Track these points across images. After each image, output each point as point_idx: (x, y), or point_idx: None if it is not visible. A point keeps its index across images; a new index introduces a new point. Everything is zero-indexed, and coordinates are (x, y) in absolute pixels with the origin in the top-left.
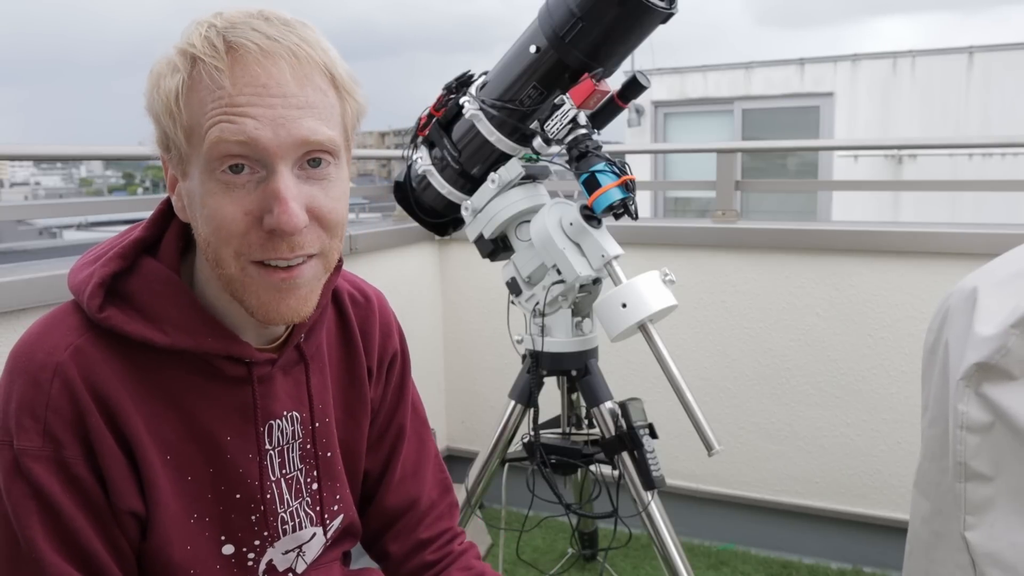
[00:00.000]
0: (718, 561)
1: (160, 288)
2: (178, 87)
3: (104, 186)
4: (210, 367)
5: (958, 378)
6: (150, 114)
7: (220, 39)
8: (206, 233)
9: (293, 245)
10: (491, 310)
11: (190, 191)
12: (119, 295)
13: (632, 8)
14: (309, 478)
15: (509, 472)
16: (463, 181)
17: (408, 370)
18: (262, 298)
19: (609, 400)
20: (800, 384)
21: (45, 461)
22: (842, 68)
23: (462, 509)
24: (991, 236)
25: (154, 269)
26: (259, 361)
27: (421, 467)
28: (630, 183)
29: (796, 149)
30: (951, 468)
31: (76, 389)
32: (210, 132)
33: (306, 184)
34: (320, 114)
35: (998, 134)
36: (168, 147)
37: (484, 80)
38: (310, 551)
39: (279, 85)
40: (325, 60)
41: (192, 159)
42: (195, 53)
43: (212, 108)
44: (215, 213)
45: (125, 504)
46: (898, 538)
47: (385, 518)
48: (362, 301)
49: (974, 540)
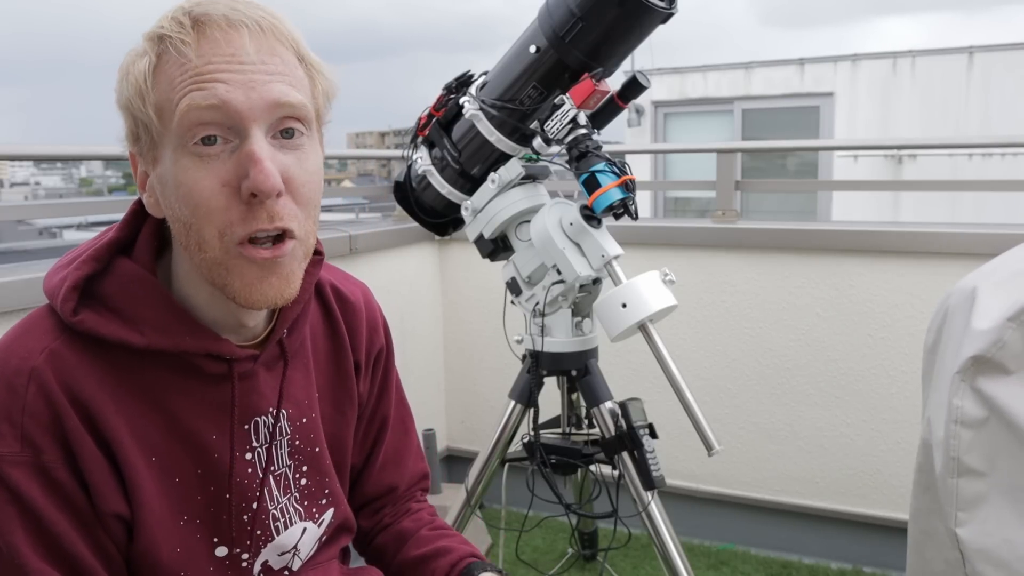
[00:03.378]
0: (718, 561)
1: (135, 289)
2: (146, 68)
3: (104, 186)
4: (190, 366)
5: (954, 372)
6: (120, 107)
7: (186, 16)
8: (185, 216)
9: (272, 215)
10: (491, 310)
11: (162, 177)
12: (94, 297)
13: (632, 8)
14: (298, 474)
15: (509, 472)
16: (463, 181)
17: (392, 361)
18: (246, 279)
19: (609, 400)
20: (800, 384)
21: (24, 466)
22: (842, 68)
23: (462, 509)
24: (991, 236)
25: (128, 270)
26: (240, 358)
27: (403, 456)
28: (630, 183)
29: (796, 149)
30: (944, 463)
31: (52, 392)
32: (180, 103)
33: (280, 152)
34: (290, 81)
35: (998, 134)
36: (138, 136)
37: (484, 80)
38: (304, 548)
39: (247, 53)
40: (292, 35)
41: (164, 139)
42: (162, 32)
43: (180, 81)
44: (192, 189)
45: (108, 507)
46: (898, 538)
47: (362, 501)
48: (348, 296)
49: (965, 536)
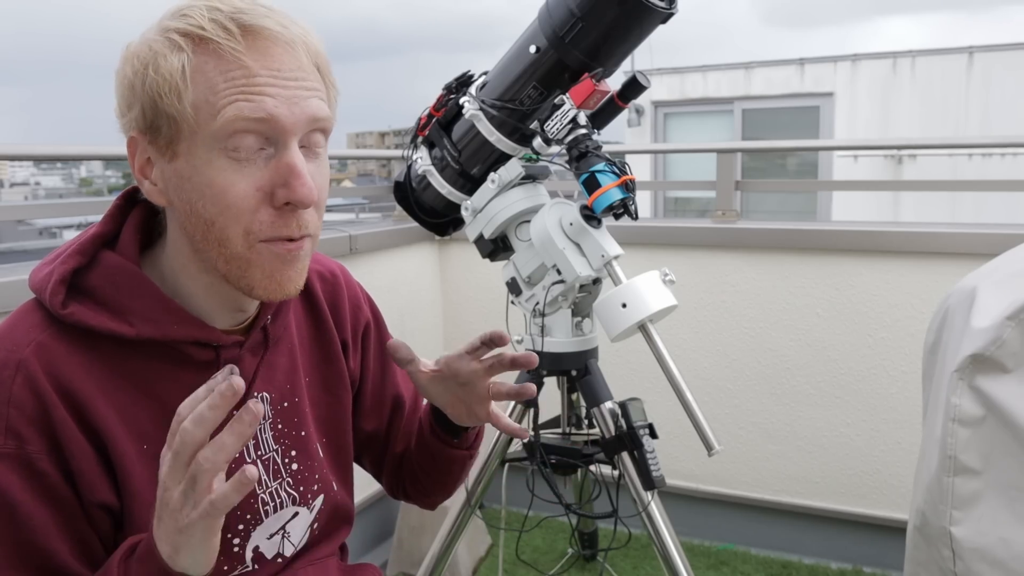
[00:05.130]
0: (718, 561)
1: (121, 280)
2: (183, 65)
3: (104, 186)
4: (179, 354)
5: (952, 370)
6: (133, 96)
7: (232, 23)
8: (211, 213)
9: (301, 224)
10: (491, 310)
11: (182, 172)
12: (81, 290)
13: (632, 8)
14: (287, 458)
15: (509, 472)
16: (463, 181)
17: (387, 335)
18: (267, 271)
19: (609, 400)
20: (800, 384)
21: (6, 458)
22: (842, 68)
23: (462, 509)
24: (991, 236)
25: (114, 262)
26: (227, 344)
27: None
28: (630, 183)
29: (796, 149)
30: (940, 461)
31: (39, 384)
32: (226, 110)
33: (307, 162)
34: (321, 95)
35: (998, 134)
36: (156, 127)
37: (484, 80)
38: (295, 532)
39: (290, 69)
40: (319, 49)
41: (196, 136)
42: (204, 35)
43: (226, 87)
44: (227, 190)
45: (96, 497)
46: (898, 538)
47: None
48: (328, 276)
49: (960, 535)
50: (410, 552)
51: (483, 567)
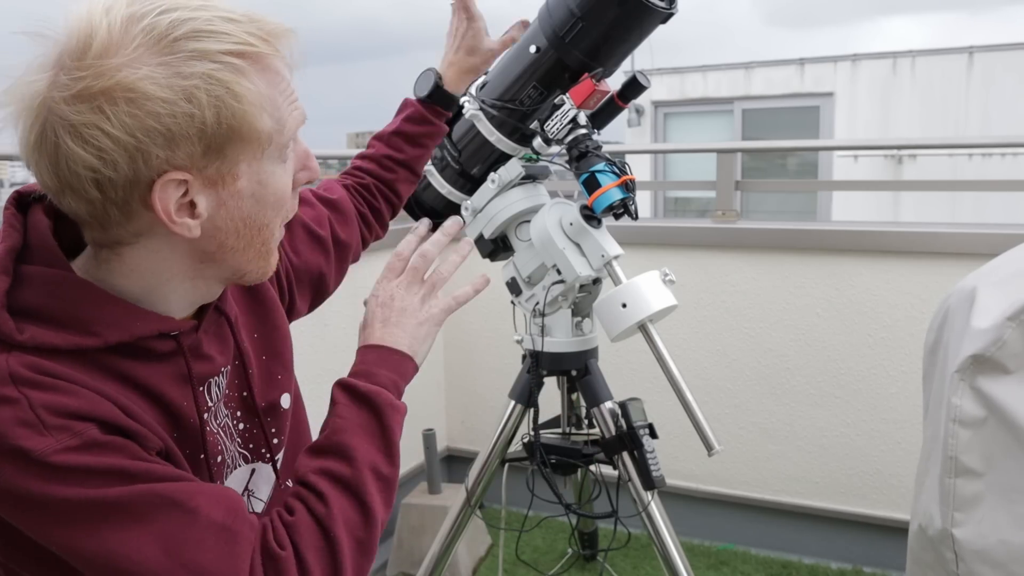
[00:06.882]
0: (718, 561)
1: (66, 292)
2: (254, 84)
3: None
4: (143, 350)
5: (953, 371)
6: (183, 133)
7: (261, 32)
8: (266, 218)
9: (298, 199)
10: (491, 310)
11: (241, 191)
12: (20, 312)
13: (632, 8)
14: (234, 419)
15: (509, 472)
16: (463, 181)
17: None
18: (274, 255)
19: (609, 400)
20: (800, 384)
21: (72, 451)
22: (842, 68)
23: (462, 509)
24: (991, 236)
25: (47, 275)
26: (186, 330)
27: None
28: (630, 183)
29: (796, 149)
30: (941, 463)
31: (42, 384)
32: (288, 121)
33: None
34: None
35: (998, 134)
36: (219, 155)
37: (484, 80)
38: (258, 490)
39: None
40: None
41: (265, 152)
42: (254, 51)
43: (282, 99)
44: (283, 191)
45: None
46: (898, 538)
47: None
48: None
49: (961, 537)
50: (410, 552)
51: (483, 567)
